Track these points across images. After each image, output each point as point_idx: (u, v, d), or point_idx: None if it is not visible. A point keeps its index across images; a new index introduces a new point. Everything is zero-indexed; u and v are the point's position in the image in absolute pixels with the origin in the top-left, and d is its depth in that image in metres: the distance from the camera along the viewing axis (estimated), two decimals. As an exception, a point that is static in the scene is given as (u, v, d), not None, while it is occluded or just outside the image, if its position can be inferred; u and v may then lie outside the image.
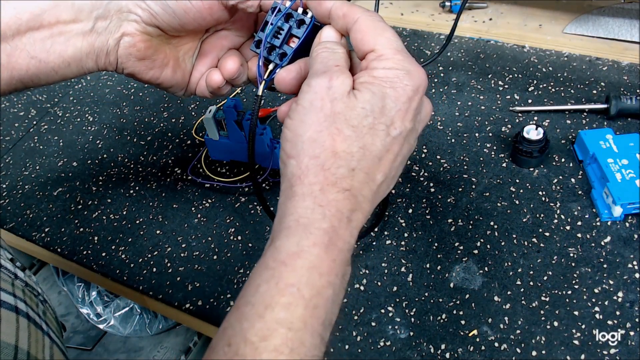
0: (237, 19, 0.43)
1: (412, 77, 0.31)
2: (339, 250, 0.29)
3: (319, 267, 0.28)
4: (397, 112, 0.30)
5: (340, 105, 0.30)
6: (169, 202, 0.62)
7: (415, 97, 0.31)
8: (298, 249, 0.28)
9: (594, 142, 0.56)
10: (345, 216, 0.29)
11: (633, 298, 0.47)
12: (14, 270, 0.38)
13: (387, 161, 0.31)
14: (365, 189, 0.30)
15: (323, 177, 0.29)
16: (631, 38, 0.70)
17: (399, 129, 0.30)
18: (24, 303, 0.35)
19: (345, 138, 0.30)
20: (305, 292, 0.28)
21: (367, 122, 0.30)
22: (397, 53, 0.32)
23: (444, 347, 0.46)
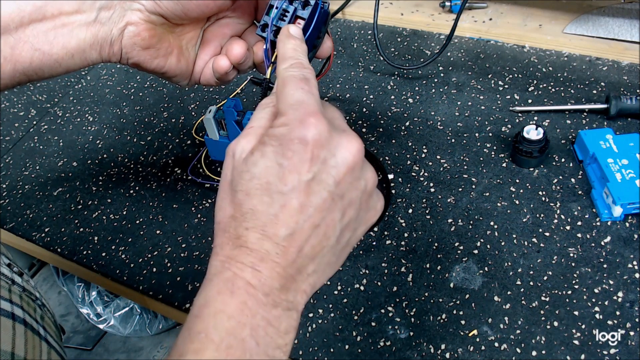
0: (237, 6, 0.44)
1: (295, 130, 0.30)
2: (249, 295, 0.30)
3: (225, 310, 0.29)
4: (285, 168, 0.30)
5: (235, 172, 0.32)
6: (169, 202, 0.62)
7: (305, 148, 0.30)
8: (205, 300, 0.30)
9: (594, 142, 0.56)
10: (249, 267, 0.30)
11: (633, 298, 0.47)
12: (11, 276, 0.38)
13: (287, 216, 0.30)
14: (266, 244, 0.30)
15: (224, 238, 0.31)
16: (631, 38, 0.70)
17: (290, 184, 0.30)
18: (20, 309, 0.35)
19: (237, 202, 0.31)
20: (214, 336, 0.29)
21: (254, 185, 0.31)
22: (290, 108, 0.31)
23: (444, 347, 0.46)
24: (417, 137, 0.64)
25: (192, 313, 0.31)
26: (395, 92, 0.71)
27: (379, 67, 0.75)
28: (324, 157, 0.30)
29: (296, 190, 0.30)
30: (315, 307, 0.51)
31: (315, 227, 0.31)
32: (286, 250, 0.30)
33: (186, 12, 0.40)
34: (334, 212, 0.31)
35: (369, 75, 0.74)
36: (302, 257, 0.31)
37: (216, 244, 0.32)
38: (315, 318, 0.50)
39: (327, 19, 0.40)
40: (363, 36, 0.81)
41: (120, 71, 0.85)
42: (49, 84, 0.85)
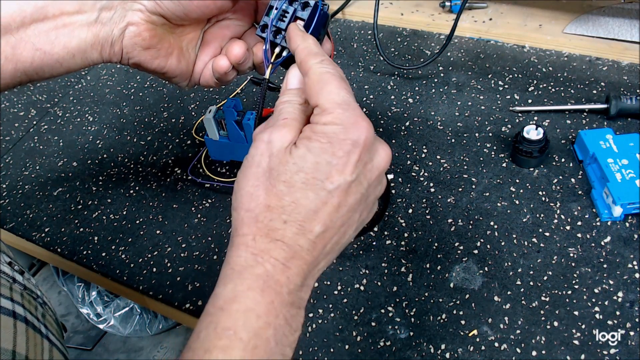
0: (238, 8, 0.44)
1: (349, 131, 0.31)
2: (277, 293, 0.30)
3: (255, 309, 0.29)
4: (333, 167, 0.31)
5: (275, 161, 0.31)
6: (169, 202, 0.62)
7: (354, 149, 0.31)
8: (234, 294, 0.30)
9: (594, 142, 0.56)
10: (281, 263, 0.30)
11: (633, 298, 0.47)
12: (12, 274, 0.38)
13: (324, 213, 0.31)
14: (301, 240, 0.31)
15: (256, 229, 0.31)
16: (631, 38, 0.70)
17: (336, 183, 0.31)
18: (22, 307, 0.35)
19: (277, 192, 0.31)
20: (243, 335, 0.29)
21: (299, 178, 0.31)
22: (338, 107, 0.32)
23: (444, 347, 0.46)
24: (417, 137, 0.64)
25: (216, 304, 0.30)
26: (395, 92, 0.71)
27: (379, 67, 0.75)
28: (365, 161, 0.32)
29: (339, 189, 0.31)
30: (315, 307, 0.51)
31: (342, 225, 0.32)
32: (315, 247, 0.31)
33: (187, 13, 0.40)
34: (358, 212, 0.33)
35: (369, 75, 0.74)
36: (324, 254, 0.32)
37: (245, 233, 0.31)
38: (315, 318, 0.50)
39: (327, 20, 0.40)
40: (363, 36, 0.81)
41: (120, 71, 0.85)
42: (49, 84, 0.85)
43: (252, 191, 0.32)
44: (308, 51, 0.35)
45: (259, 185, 0.31)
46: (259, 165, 0.32)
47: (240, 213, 0.32)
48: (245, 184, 0.32)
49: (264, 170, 0.31)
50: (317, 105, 0.33)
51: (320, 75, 0.34)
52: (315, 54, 0.35)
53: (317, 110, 0.33)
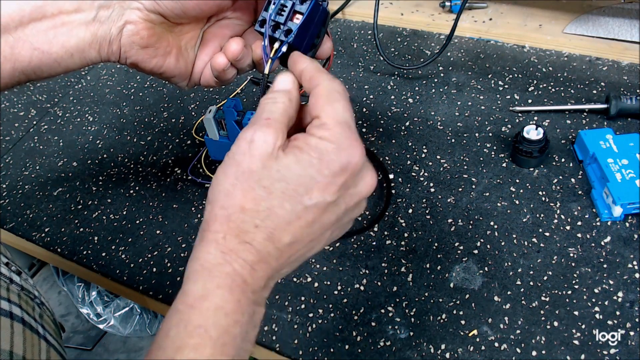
0: (238, 7, 0.43)
1: (341, 153, 0.31)
2: (243, 291, 0.30)
3: (224, 307, 0.30)
4: (316, 184, 0.31)
5: (257, 164, 0.31)
6: (169, 202, 0.62)
7: (342, 173, 0.31)
8: (204, 292, 0.30)
9: (594, 142, 0.56)
10: (248, 264, 0.31)
11: (633, 298, 0.47)
12: (9, 275, 0.38)
13: (297, 227, 0.31)
14: (270, 246, 0.31)
15: (227, 227, 0.31)
16: (631, 38, 0.70)
17: (315, 200, 0.31)
18: (19, 308, 0.35)
19: (255, 196, 0.31)
20: (213, 332, 0.29)
21: (280, 186, 0.31)
22: (338, 125, 0.32)
23: (444, 347, 0.46)
24: (417, 137, 0.64)
25: (186, 302, 0.30)
26: (395, 92, 0.71)
27: (379, 67, 0.75)
28: (349, 185, 0.32)
29: (316, 207, 0.31)
30: (315, 307, 0.51)
31: (311, 241, 0.32)
32: (281, 256, 0.32)
33: (185, 11, 0.40)
34: (329, 230, 0.33)
35: (369, 75, 0.74)
36: (288, 262, 0.33)
37: (217, 230, 0.31)
38: (315, 318, 0.50)
39: (327, 18, 0.40)
40: (363, 36, 0.81)
41: (120, 71, 0.85)
42: (49, 84, 0.85)
43: (230, 189, 0.31)
44: (319, 69, 0.35)
45: (237, 184, 0.31)
46: (239, 165, 0.31)
47: (214, 209, 0.32)
48: (223, 181, 0.32)
49: (244, 171, 0.31)
50: (317, 117, 0.33)
51: (330, 91, 0.33)
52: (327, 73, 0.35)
53: (317, 122, 0.32)
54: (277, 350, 0.48)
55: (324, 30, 0.40)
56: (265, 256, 0.31)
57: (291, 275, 0.53)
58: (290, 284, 0.53)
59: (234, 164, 0.32)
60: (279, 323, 0.50)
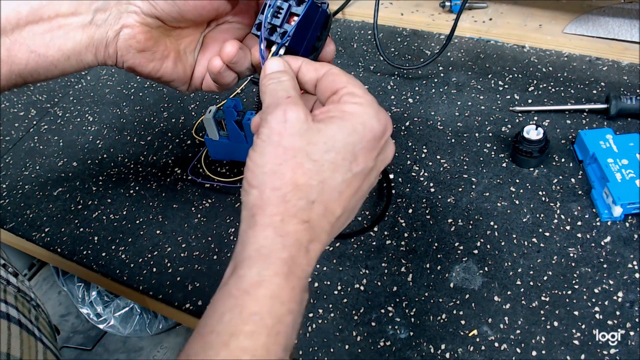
0: (238, 11, 0.43)
1: (380, 119, 0.32)
2: (298, 279, 0.30)
3: (280, 295, 0.29)
4: (361, 150, 0.31)
5: (299, 141, 0.31)
6: (169, 202, 0.62)
7: (382, 138, 0.32)
8: (260, 278, 0.30)
9: (594, 142, 0.56)
10: (304, 246, 0.31)
11: (633, 298, 0.47)
12: (6, 277, 0.38)
13: (347, 195, 0.31)
14: (324, 221, 0.31)
15: (284, 209, 0.30)
16: (631, 38, 0.70)
17: (361, 166, 0.31)
18: (16, 310, 0.35)
19: (305, 171, 0.31)
20: (268, 320, 0.29)
21: (329, 157, 0.31)
22: (367, 94, 0.33)
23: (444, 347, 0.46)
24: (417, 137, 0.64)
25: (241, 287, 0.29)
26: (395, 92, 0.71)
27: (379, 67, 0.75)
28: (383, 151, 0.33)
29: (362, 174, 0.32)
30: (315, 307, 0.51)
31: (352, 210, 0.33)
32: (332, 230, 0.32)
33: (183, 15, 0.39)
34: (363, 199, 0.34)
35: (369, 75, 0.74)
36: (332, 236, 0.32)
37: (272, 213, 0.30)
38: (315, 318, 0.50)
39: (328, 21, 0.40)
40: (363, 36, 0.81)
41: (120, 71, 0.85)
42: (49, 84, 0.85)
43: (277, 169, 0.31)
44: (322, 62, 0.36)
45: (283, 163, 0.31)
46: (279, 144, 0.31)
47: (265, 192, 0.31)
48: (266, 162, 0.31)
49: (286, 149, 0.31)
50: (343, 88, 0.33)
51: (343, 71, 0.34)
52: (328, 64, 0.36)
53: (345, 91, 0.33)
54: (277, 350, 0.48)
55: (325, 34, 0.40)
56: (318, 233, 0.31)
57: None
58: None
59: (273, 144, 0.31)
60: (279, 323, 0.50)
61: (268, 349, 0.28)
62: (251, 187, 0.32)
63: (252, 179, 0.32)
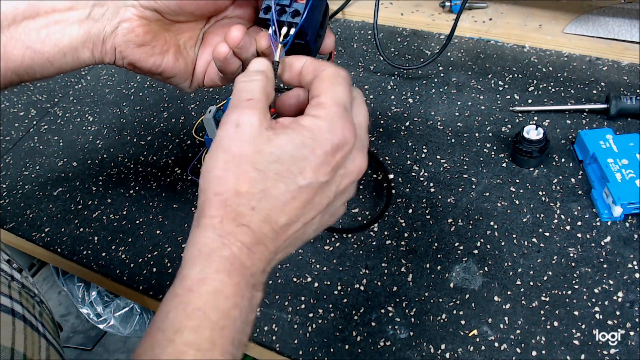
0: (237, 5, 0.43)
1: (334, 133, 0.31)
2: (242, 275, 0.31)
3: (223, 290, 0.30)
4: (310, 163, 0.31)
5: (247, 148, 0.31)
6: (169, 202, 0.62)
7: (334, 153, 0.31)
8: (202, 275, 0.30)
9: (594, 142, 0.56)
10: (246, 247, 0.31)
11: (633, 298, 0.47)
12: (11, 272, 0.38)
13: (292, 207, 0.31)
14: (266, 228, 0.31)
15: (224, 212, 0.31)
16: (631, 38, 0.70)
17: (308, 179, 0.31)
18: (20, 305, 0.35)
19: (249, 179, 0.31)
20: (212, 315, 0.29)
21: (273, 168, 0.31)
22: (334, 106, 0.32)
23: (444, 347, 0.46)
24: (417, 137, 0.64)
25: (185, 285, 0.30)
26: (395, 92, 0.71)
27: (379, 67, 0.75)
28: (340, 165, 0.32)
29: (309, 188, 0.31)
30: (315, 307, 0.51)
31: (305, 223, 0.33)
32: (277, 238, 0.32)
33: (181, 7, 0.39)
34: (321, 213, 0.33)
35: (369, 75, 0.74)
36: (283, 245, 0.33)
37: (212, 215, 0.31)
38: (315, 318, 0.50)
39: (327, 8, 0.39)
40: (363, 36, 0.81)
41: (120, 71, 0.85)
42: (49, 84, 0.85)
43: (222, 175, 0.31)
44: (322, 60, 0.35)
45: (229, 169, 0.31)
46: (229, 150, 0.31)
47: (208, 195, 0.32)
48: (213, 167, 0.32)
49: (234, 155, 0.31)
50: (316, 97, 0.33)
51: (335, 75, 0.34)
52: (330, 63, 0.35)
53: (314, 102, 0.33)
54: (277, 350, 0.48)
55: (326, 22, 0.39)
56: (262, 238, 0.31)
57: (291, 275, 0.53)
58: (290, 284, 0.53)
59: (223, 149, 0.31)
60: (279, 323, 0.50)
61: (214, 343, 0.29)
62: (201, 190, 0.33)
63: (201, 182, 0.33)
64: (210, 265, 0.30)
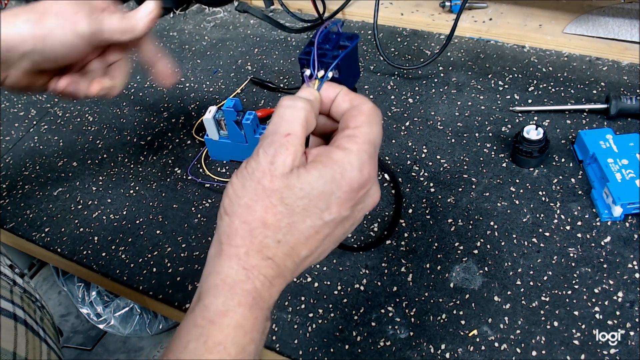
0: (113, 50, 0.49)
1: (362, 172, 0.32)
2: (260, 310, 0.31)
3: (244, 325, 0.30)
4: (336, 199, 0.31)
5: (278, 183, 0.31)
6: (169, 202, 0.62)
7: (360, 191, 0.32)
8: (224, 308, 0.30)
9: (594, 142, 0.56)
10: (268, 280, 0.31)
11: (633, 298, 0.47)
12: (13, 277, 0.38)
13: (314, 240, 0.32)
14: (288, 261, 0.32)
15: (249, 242, 0.31)
16: (631, 38, 0.70)
17: (333, 215, 0.32)
18: (22, 310, 0.35)
19: (276, 212, 0.31)
20: (232, 350, 0.30)
21: (302, 203, 0.31)
22: (367, 143, 0.32)
23: (444, 347, 0.46)
24: (417, 137, 0.64)
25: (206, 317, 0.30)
26: (395, 92, 0.71)
27: (379, 67, 0.75)
28: (360, 201, 0.33)
29: (332, 222, 0.32)
30: (315, 307, 0.51)
31: (322, 252, 0.33)
32: (296, 269, 0.33)
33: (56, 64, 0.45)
34: (336, 242, 0.34)
35: (369, 75, 0.74)
36: (297, 273, 0.33)
37: (237, 245, 0.31)
38: (315, 318, 0.50)
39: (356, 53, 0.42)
40: (363, 36, 0.81)
41: (120, 71, 0.85)
42: (49, 84, 0.85)
43: (251, 204, 0.31)
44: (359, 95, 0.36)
45: (259, 200, 0.31)
46: (259, 182, 0.32)
47: (234, 222, 0.32)
48: (244, 195, 0.32)
49: (264, 188, 0.31)
50: (351, 128, 0.33)
51: (374, 113, 0.33)
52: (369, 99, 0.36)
53: (348, 132, 0.32)
54: (277, 350, 0.48)
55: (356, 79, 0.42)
56: (283, 271, 0.32)
57: (291, 275, 0.53)
58: (290, 284, 0.53)
59: (255, 180, 0.32)
60: (279, 323, 0.50)
61: None
62: (226, 213, 0.32)
63: (229, 206, 0.32)
64: (233, 298, 0.30)
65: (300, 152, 0.32)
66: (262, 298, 0.31)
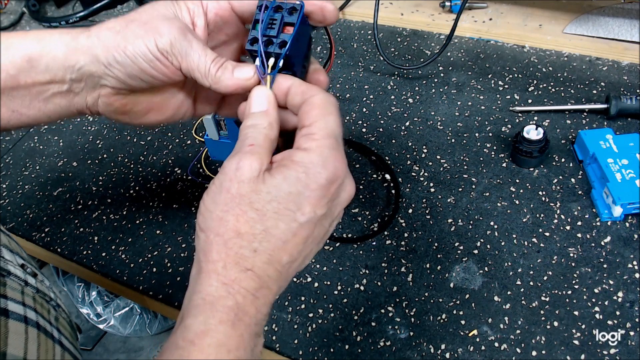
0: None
1: (326, 165, 0.31)
2: (246, 325, 0.30)
3: (227, 344, 0.29)
4: (306, 199, 0.31)
5: (246, 188, 0.31)
6: (169, 202, 0.62)
7: (330, 186, 0.31)
8: (205, 327, 0.29)
9: (594, 142, 0.56)
10: (251, 293, 0.30)
11: (633, 298, 0.47)
12: (25, 277, 0.38)
13: (293, 244, 0.31)
14: (270, 270, 0.31)
15: (225, 255, 0.30)
16: (631, 38, 0.70)
17: (308, 215, 0.31)
18: (34, 311, 0.34)
19: (248, 219, 0.31)
20: None
21: (271, 207, 0.31)
22: (326, 137, 0.32)
23: (444, 347, 0.46)
24: (417, 137, 0.64)
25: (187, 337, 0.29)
26: (395, 92, 0.71)
27: (379, 67, 0.75)
28: (334, 196, 0.32)
29: (309, 223, 0.31)
30: (315, 307, 0.51)
31: (305, 257, 0.33)
32: (280, 277, 0.32)
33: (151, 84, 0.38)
34: (319, 243, 0.33)
35: (369, 75, 0.74)
36: (284, 282, 0.33)
37: (215, 260, 0.31)
38: (315, 318, 0.50)
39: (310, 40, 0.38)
40: (363, 36, 0.81)
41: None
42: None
43: (222, 215, 0.31)
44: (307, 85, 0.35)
45: (229, 210, 0.31)
46: (228, 191, 0.31)
47: (209, 236, 0.31)
48: (214, 208, 0.32)
49: (233, 196, 0.31)
50: (307, 127, 0.32)
51: (326, 103, 0.33)
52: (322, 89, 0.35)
53: (305, 132, 0.32)
54: (277, 350, 0.48)
55: (310, 53, 0.39)
56: (266, 281, 0.31)
57: (291, 275, 0.53)
58: (290, 284, 0.53)
59: (223, 191, 0.32)
60: (279, 323, 0.50)
61: None
62: (201, 230, 0.32)
63: (202, 222, 0.32)
64: (214, 316, 0.29)
65: (265, 158, 0.32)
66: (246, 313, 0.30)
